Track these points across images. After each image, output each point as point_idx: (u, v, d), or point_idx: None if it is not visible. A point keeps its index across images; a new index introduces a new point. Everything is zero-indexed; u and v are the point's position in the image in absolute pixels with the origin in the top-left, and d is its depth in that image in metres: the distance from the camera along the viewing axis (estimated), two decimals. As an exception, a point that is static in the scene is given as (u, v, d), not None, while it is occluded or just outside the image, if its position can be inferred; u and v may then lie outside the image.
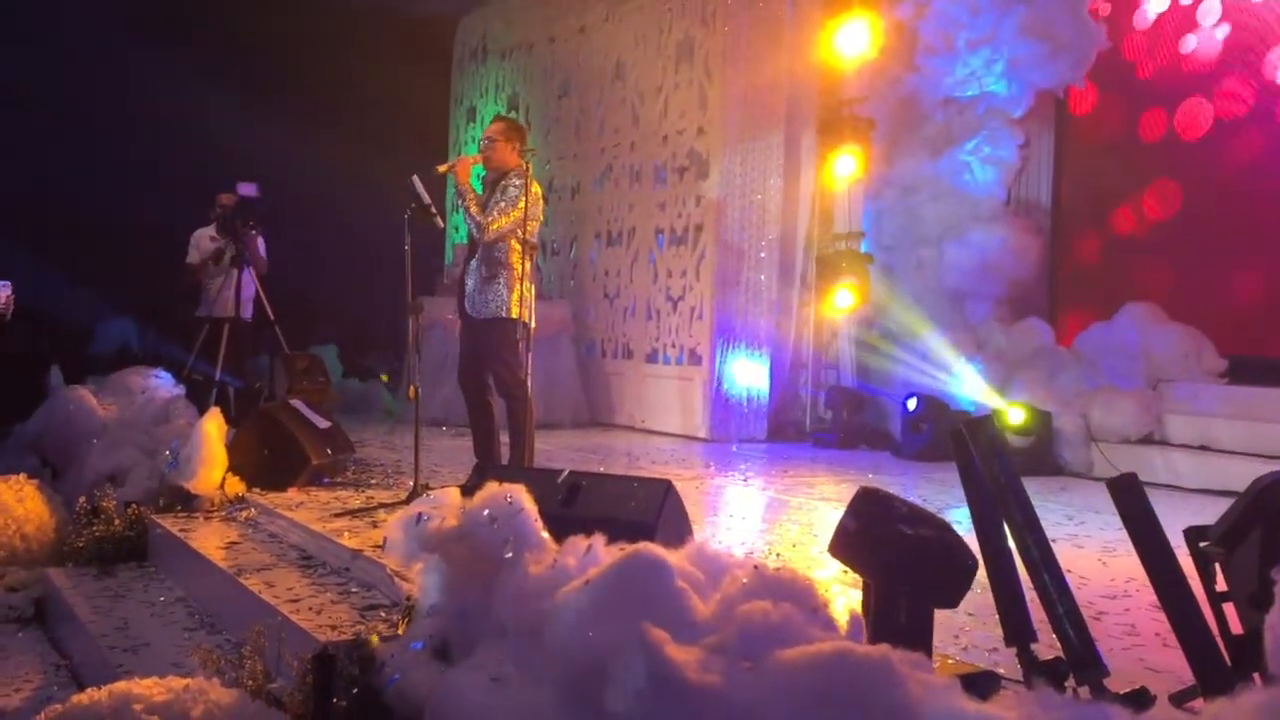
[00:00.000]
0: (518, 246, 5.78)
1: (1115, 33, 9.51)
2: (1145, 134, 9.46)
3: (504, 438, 6.04)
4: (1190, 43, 9.11)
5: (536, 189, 5.91)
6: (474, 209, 5.82)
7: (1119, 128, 9.74)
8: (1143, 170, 9.50)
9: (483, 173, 6.18)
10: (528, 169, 5.82)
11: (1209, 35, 8.98)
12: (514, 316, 5.73)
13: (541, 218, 6.03)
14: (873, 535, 2.85)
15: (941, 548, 2.84)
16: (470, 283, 5.91)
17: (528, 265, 5.80)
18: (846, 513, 2.97)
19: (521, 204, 5.70)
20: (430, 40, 12.94)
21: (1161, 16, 9.37)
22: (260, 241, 8.58)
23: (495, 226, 5.75)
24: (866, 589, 2.95)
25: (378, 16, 12.49)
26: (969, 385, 8.76)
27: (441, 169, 6.06)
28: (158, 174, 11.17)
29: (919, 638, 2.77)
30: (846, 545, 2.92)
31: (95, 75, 11.15)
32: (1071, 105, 10.09)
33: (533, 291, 5.92)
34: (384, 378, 11.89)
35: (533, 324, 5.81)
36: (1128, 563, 4.33)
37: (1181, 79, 9.18)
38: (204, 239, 8.81)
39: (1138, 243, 9.51)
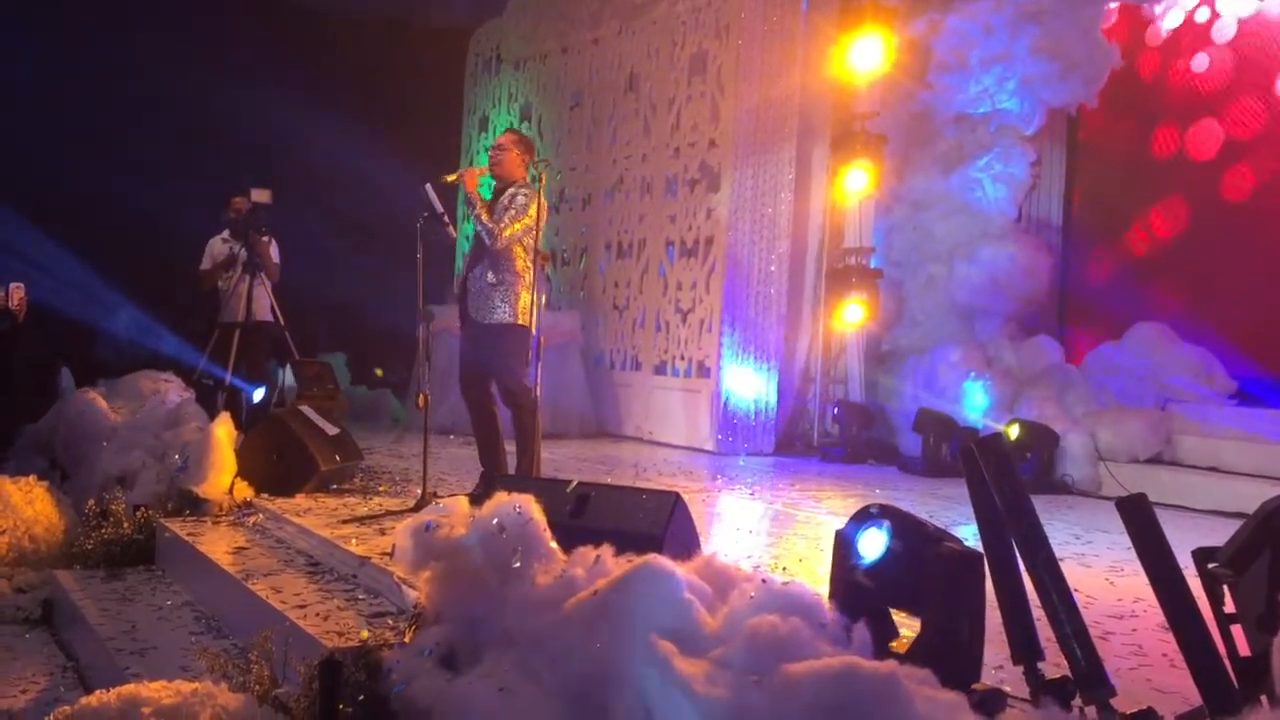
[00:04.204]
0: (524, 254, 5.82)
1: (1128, 51, 9.53)
2: (1157, 152, 9.47)
3: (509, 446, 6.05)
4: (1202, 61, 9.12)
5: (543, 200, 5.95)
6: (485, 216, 5.84)
7: (1131, 146, 9.75)
8: (1154, 189, 9.50)
9: (491, 182, 6.21)
10: (541, 179, 5.85)
11: (1221, 53, 8.99)
12: (521, 323, 5.78)
13: (543, 229, 6.05)
14: (919, 553, 2.87)
15: (971, 562, 2.87)
16: (475, 288, 5.92)
17: (534, 274, 5.83)
18: (868, 529, 2.97)
19: (532, 211, 5.74)
20: (444, 50, 13.01)
21: (1175, 33, 9.39)
22: (275, 248, 8.61)
23: (507, 233, 5.78)
24: (845, 596, 2.97)
25: (392, 26, 12.56)
26: (976, 402, 8.76)
27: (450, 178, 6.10)
28: (171, 177, 11.22)
29: (978, 651, 2.80)
30: (888, 564, 2.92)
31: (109, 77, 11.21)
32: (1083, 123, 10.10)
33: (540, 300, 5.95)
34: (378, 372, 12.20)
35: (533, 330, 5.83)
36: (1135, 583, 4.33)
37: (1194, 97, 9.19)
38: (217, 244, 8.85)
39: (1148, 262, 9.51)
